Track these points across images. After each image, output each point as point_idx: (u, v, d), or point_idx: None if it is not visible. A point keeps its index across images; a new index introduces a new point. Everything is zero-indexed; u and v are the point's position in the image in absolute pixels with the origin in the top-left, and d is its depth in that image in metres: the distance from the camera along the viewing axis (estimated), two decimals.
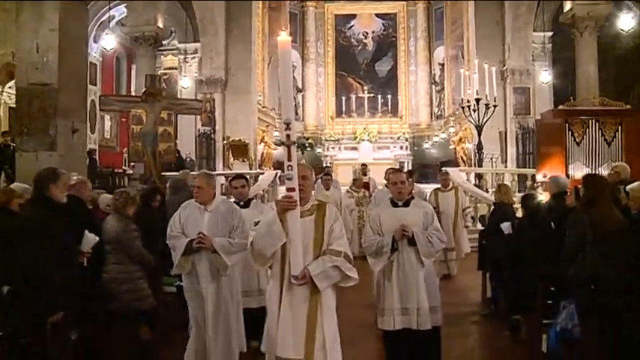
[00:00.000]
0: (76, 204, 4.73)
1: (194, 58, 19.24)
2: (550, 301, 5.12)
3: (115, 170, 16.19)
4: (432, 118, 26.20)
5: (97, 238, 4.59)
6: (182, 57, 19.43)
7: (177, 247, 4.75)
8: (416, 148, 25.00)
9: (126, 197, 5.17)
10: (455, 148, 19.58)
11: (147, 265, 5.18)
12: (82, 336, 4.53)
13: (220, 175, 13.73)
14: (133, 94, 21.79)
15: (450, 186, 9.49)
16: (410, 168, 20.22)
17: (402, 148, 23.70)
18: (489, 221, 6.58)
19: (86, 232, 4.49)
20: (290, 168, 3.68)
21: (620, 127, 11.79)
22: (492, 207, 6.87)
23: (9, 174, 11.74)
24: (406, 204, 4.97)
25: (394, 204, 5.01)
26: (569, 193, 5.46)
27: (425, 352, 4.85)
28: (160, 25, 14.31)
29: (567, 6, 13.67)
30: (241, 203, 5.56)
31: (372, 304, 5.21)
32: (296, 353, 3.73)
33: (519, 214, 6.85)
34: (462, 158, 18.47)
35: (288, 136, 3.67)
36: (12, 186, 5.46)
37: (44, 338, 3.79)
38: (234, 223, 4.89)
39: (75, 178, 8.77)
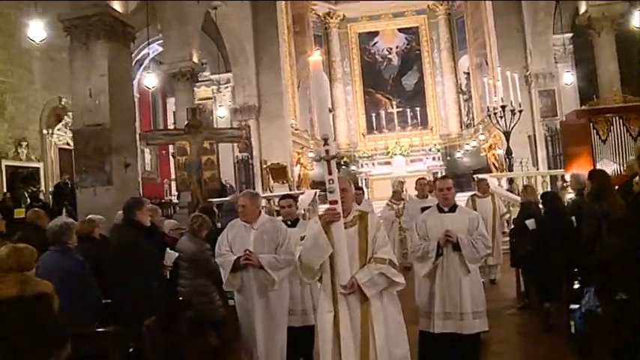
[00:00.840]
0: (153, 227, 5.56)
1: (227, 87, 20.31)
2: (576, 287, 5.75)
3: (162, 200, 17.19)
4: (461, 127, 26.64)
5: (177, 254, 5.41)
6: (215, 87, 20.52)
7: (225, 264, 4.96)
8: (448, 158, 25.53)
9: (201, 221, 5.99)
10: (486, 155, 20.10)
11: (219, 280, 5.88)
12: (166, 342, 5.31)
13: (263, 197, 14.56)
14: (170, 126, 23.04)
15: (488, 192, 9.56)
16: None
17: (434, 159, 24.25)
18: (517, 220, 7.20)
19: (167, 249, 5.33)
20: (331, 182, 3.79)
21: None
22: (519, 207, 7.47)
23: (69, 210, 12.78)
24: (452, 210, 5.16)
25: (440, 210, 5.19)
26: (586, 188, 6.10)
27: (463, 357, 4.99)
28: (195, 60, 15.36)
29: (582, 8, 14.22)
30: (289, 222, 5.67)
31: (413, 310, 5.40)
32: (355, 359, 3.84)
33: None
34: (493, 164, 18.98)
35: (327, 151, 3.79)
36: (90, 217, 6.31)
37: (143, 340, 4.60)
38: (280, 240, 5.06)
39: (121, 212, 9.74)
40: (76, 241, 5.02)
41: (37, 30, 11.81)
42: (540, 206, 7.05)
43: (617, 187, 6.12)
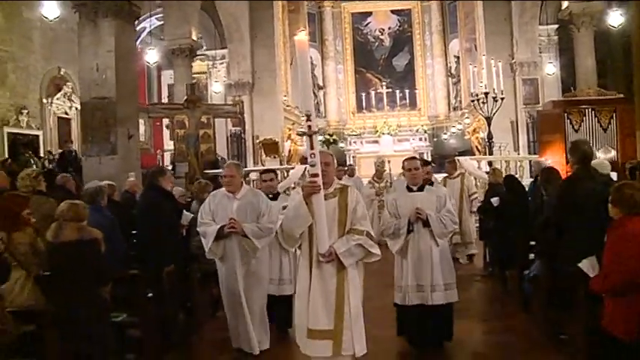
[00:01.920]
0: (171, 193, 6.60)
1: (222, 63, 21.20)
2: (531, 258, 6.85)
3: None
4: (449, 109, 27.53)
5: (192, 216, 6.44)
6: (211, 63, 21.41)
7: (208, 233, 5.25)
8: (435, 139, 26.47)
9: (199, 185, 7.02)
10: (470, 139, 21.20)
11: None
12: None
13: (254, 171, 15.54)
14: (164, 99, 23.85)
15: (456, 173, 10.42)
16: (429, 159, 21.78)
17: (421, 139, 25.04)
18: (484, 198, 8.31)
19: (184, 211, 6.37)
20: (313, 156, 4.04)
21: (614, 114, 13.38)
22: (487, 187, 8.58)
23: (73, 177, 13.69)
24: (420, 189, 5.52)
25: (409, 189, 5.55)
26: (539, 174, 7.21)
27: (437, 326, 5.39)
28: (194, 37, 16.25)
29: (564, 3, 15.26)
30: (270, 196, 5.97)
31: (391, 285, 5.76)
32: (326, 324, 4.12)
33: None
34: (476, 147, 20.06)
35: (309, 126, 4.02)
36: (109, 182, 7.32)
37: (162, 285, 5.67)
38: (262, 210, 5.38)
39: (132, 178, 10.74)
40: (106, 201, 6.06)
41: (51, 8, 12.56)
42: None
43: None
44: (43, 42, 18.35)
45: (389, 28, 29.09)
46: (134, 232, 6.64)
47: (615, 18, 14.26)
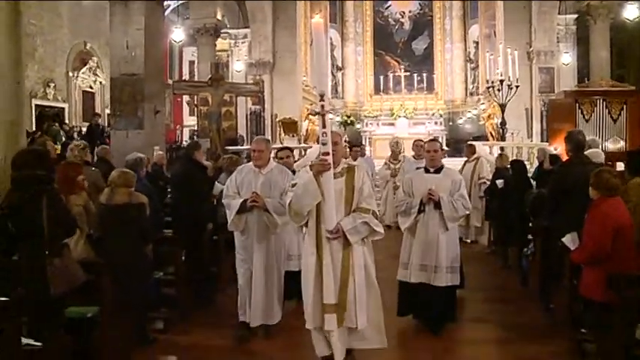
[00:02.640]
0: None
1: (244, 42, 21.87)
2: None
3: (178, 144, 18.99)
4: (466, 94, 27.93)
5: (223, 187, 7.16)
6: (233, 42, 22.09)
7: (232, 206, 5.38)
8: (451, 124, 26.90)
9: (230, 159, 7.74)
10: (485, 124, 21.72)
11: None
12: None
13: (274, 148, 16.23)
14: (185, 76, 24.58)
15: (473, 157, 10.81)
16: (443, 143, 22.30)
17: (436, 123, 25.47)
18: (491, 181, 8.96)
19: (216, 182, 7.10)
20: (324, 135, 4.23)
21: (624, 106, 13.93)
22: (494, 171, 9.23)
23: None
24: (437, 171, 5.70)
25: (427, 170, 5.74)
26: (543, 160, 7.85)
27: (438, 307, 5.56)
28: (219, 17, 16.91)
29: None
30: (287, 169, 5.97)
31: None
32: (332, 298, 4.32)
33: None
34: (490, 133, 20.58)
35: (322, 106, 4.21)
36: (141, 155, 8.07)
37: (195, 249, 6.43)
38: (286, 187, 5.33)
39: (160, 152, 11.47)
40: (144, 171, 6.81)
41: None
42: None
43: None
44: (71, 17, 19.12)
45: (409, 12, 29.38)
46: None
47: (632, 11, 14.71)
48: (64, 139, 14.77)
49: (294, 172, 6.08)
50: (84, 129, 17.15)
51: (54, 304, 4.23)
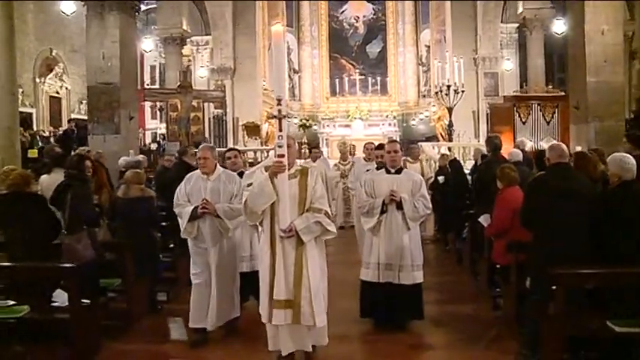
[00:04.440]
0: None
1: (206, 49, 23.28)
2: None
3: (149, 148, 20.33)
4: (419, 96, 29.78)
5: None
6: (195, 48, 23.45)
7: (183, 214, 5.55)
8: (404, 125, 28.68)
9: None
10: (435, 125, 23.67)
11: None
12: None
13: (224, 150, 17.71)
14: (146, 81, 25.81)
15: (418, 158, 11.98)
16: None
17: (390, 125, 27.13)
18: (434, 177, 10.70)
19: None
20: (280, 138, 4.51)
21: (556, 109, 16.02)
22: (437, 169, 11.00)
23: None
24: (398, 172, 5.91)
25: (387, 171, 5.90)
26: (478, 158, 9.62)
27: (404, 305, 5.79)
28: (185, 27, 18.33)
29: (520, 8, 17.75)
30: (234, 174, 6.17)
31: (356, 264, 6.27)
32: (286, 295, 4.58)
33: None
34: (440, 134, 22.50)
35: (279, 110, 4.49)
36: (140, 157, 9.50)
37: None
38: (235, 191, 5.63)
39: (141, 156, 12.80)
40: None
41: (68, 5, 14.53)
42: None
43: None
44: (36, 24, 20.15)
45: (364, 16, 31.10)
46: None
47: (559, 26, 16.76)
48: (40, 143, 15.95)
49: (242, 173, 6.30)
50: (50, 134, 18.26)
51: (88, 275, 5.65)
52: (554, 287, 4.53)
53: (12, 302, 5.33)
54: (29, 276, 5.33)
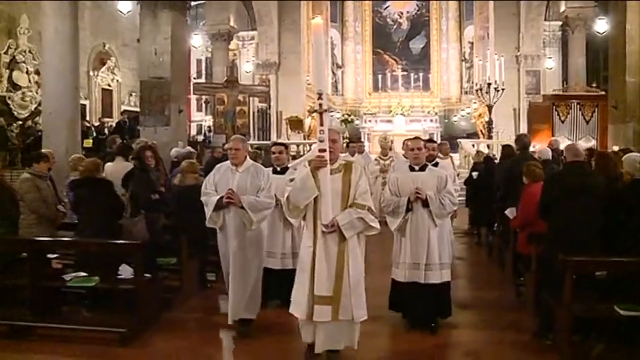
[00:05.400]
0: None
1: (251, 44, 24.12)
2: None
3: (196, 140, 21.32)
4: (461, 92, 29.99)
5: None
6: (241, 43, 24.33)
7: (209, 202, 5.61)
8: (446, 121, 28.91)
9: (256, 153, 9.97)
10: (475, 122, 24.02)
11: None
12: None
13: (273, 144, 18.49)
14: (192, 74, 26.80)
15: (448, 154, 11.77)
16: (438, 139, 24.31)
17: (432, 121, 27.28)
18: (469, 174, 11.23)
19: None
20: (322, 132, 4.49)
21: (596, 109, 16.31)
22: (472, 165, 11.52)
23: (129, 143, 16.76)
24: (422, 169, 5.80)
25: (412, 169, 5.83)
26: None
27: (434, 303, 5.76)
28: (232, 24, 19.15)
29: (562, 7, 18.01)
30: (278, 169, 6.44)
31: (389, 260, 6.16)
32: (327, 291, 4.60)
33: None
34: (481, 131, 22.85)
35: (320, 105, 4.47)
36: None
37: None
38: (262, 184, 5.63)
39: (188, 148, 13.61)
40: None
41: (125, 4, 15.48)
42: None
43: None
44: (92, 19, 21.26)
45: (407, 12, 31.46)
46: None
47: (602, 25, 16.99)
48: (94, 133, 16.98)
49: (286, 168, 6.54)
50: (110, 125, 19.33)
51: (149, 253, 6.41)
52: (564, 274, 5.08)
53: (83, 274, 6.16)
54: (101, 251, 6.12)
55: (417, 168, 5.82)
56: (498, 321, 6.32)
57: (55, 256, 6.76)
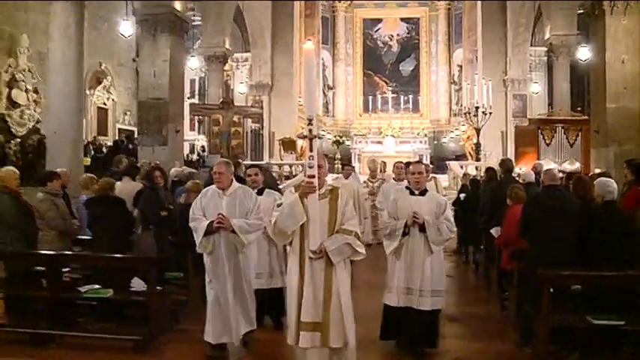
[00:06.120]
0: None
1: (245, 65, 24.82)
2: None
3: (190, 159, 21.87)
4: (450, 114, 30.76)
5: None
6: (235, 64, 25.00)
7: (198, 228, 5.58)
8: (435, 142, 29.53)
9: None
10: (464, 144, 24.72)
11: None
12: None
13: (273, 164, 19.09)
14: (186, 94, 27.39)
15: (430, 177, 12.24)
16: (427, 161, 24.88)
17: (421, 142, 27.76)
18: (457, 195, 11.84)
19: None
20: (311, 158, 4.55)
21: (580, 133, 17.00)
22: (460, 187, 12.14)
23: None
24: (422, 193, 5.81)
25: (411, 192, 5.82)
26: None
27: (421, 332, 5.73)
28: (227, 46, 19.81)
29: (546, 34, 18.82)
30: (255, 191, 6.36)
31: (381, 284, 6.19)
32: (315, 317, 4.64)
33: None
34: (469, 153, 23.54)
35: (310, 130, 4.51)
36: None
37: None
38: (250, 206, 5.68)
39: (184, 167, 14.09)
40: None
41: (126, 28, 16.07)
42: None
43: None
44: (89, 39, 21.73)
45: (397, 35, 32.37)
46: None
47: (584, 53, 17.80)
48: (92, 152, 17.48)
49: (262, 189, 6.66)
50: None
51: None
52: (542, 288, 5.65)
53: (97, 286, 6.67)
54: (117, 265, 6.64)
55: (416, 192, 5.84)
56: (484, 332, 6.90)
57: (66, 270, 7.25)
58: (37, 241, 7.02)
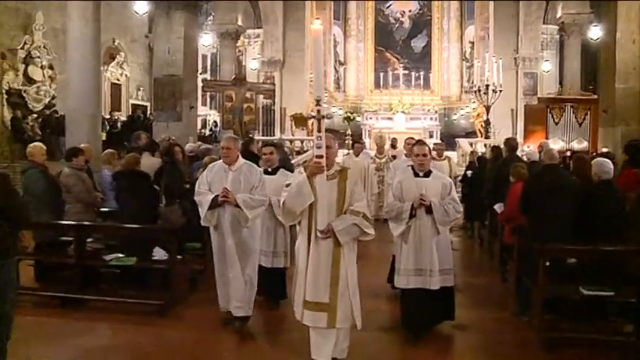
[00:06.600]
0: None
1: (257, 41, 25.15)
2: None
3: (203, 135, 22.34)
4: (461, 92, 30.91)
5: None
6: (247, 41, 25.34)
7: (203, 202, 5.73)
8: (446, 119, 29.80)
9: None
10: (474, 122, 25.04)
11: None
12: None
13: (284, 140, 19.52)
14: (199, 70, 27.77)
15: (444, 156, 11.52)
16: (438, 138, 25.15)
17: (432, 119, 27.99)
18: (464, 172, 12.24)
19: None
20: (319, 138, 4.55)
21: (588, 112, 17.27)
22: (467, 164, 12.55)
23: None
24: (427, 175, 5.78)
25: (416, 174, 5.80)
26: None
27: (438, 309, 5.90)
28: (240, 23, 20.15)
29: (558, 12, 19.01)
30: (269, 170, 6.55)
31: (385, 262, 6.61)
32: (322, 297, 4.70)
33: None
34: (479, 130, 23.88)
35: (318, 111, 4.51)
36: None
37: None
38: (255, 182, 5.79)
39: (201, 143, 14.55)
40: None
41: (141, 5, 16.45)
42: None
43: None
44: (102, 15, 22.01)
45: (409, 11, 32.39)
46: None
47: (595, 32, 18.00)
48: (107, 127, 17.95)
49: (277, 169, 6.70)
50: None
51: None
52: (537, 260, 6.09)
53: (122, 255, 7.18)
54: (142, 235, 7.14)
55: (421, 174, 5.80)
56: (485, 302, 7.38)
57: (89, 240, 7.76)
58: (63, 213, 7.53)
